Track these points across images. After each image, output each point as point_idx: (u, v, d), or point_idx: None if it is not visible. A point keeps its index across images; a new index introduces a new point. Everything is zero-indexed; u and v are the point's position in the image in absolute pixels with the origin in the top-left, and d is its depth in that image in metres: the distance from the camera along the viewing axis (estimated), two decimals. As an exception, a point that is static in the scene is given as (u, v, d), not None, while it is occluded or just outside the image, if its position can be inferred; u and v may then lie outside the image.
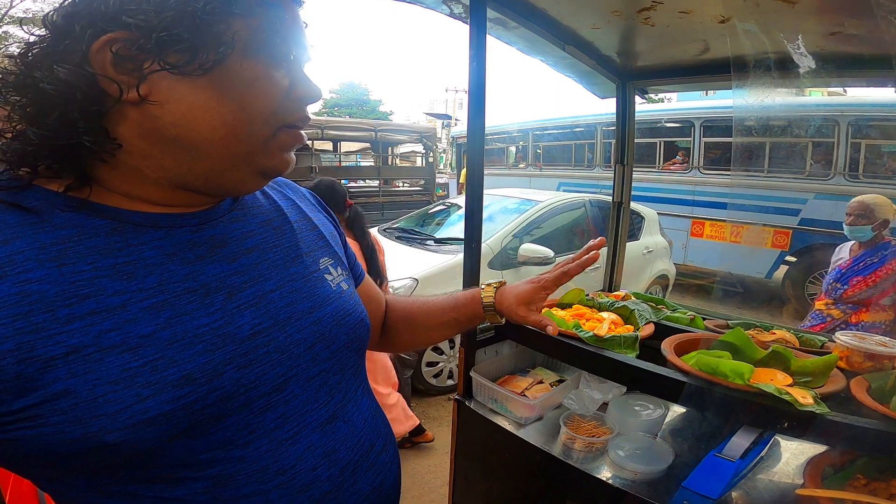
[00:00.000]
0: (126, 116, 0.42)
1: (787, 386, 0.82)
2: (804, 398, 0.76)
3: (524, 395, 1.18)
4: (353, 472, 0.54)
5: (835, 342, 1.03)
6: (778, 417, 0.79)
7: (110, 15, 0.39)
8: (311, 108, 0.58)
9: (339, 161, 8.46)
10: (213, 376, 0.44)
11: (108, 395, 0.39)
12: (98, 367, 0.39)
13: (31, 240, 0.39)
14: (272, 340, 0.49)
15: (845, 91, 4.38)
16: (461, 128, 10.88)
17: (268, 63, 0.45)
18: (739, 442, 0.88)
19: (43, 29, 0.41)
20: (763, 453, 0.96)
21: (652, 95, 2.11)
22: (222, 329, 0.46)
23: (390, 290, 2.65)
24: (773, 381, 0.85)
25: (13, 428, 0.37)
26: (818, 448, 0.93)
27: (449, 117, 20.27)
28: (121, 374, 0.39)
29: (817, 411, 0.75)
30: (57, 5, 0.41)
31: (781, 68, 1.02)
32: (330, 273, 0.60)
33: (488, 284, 0.80)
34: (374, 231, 3.80)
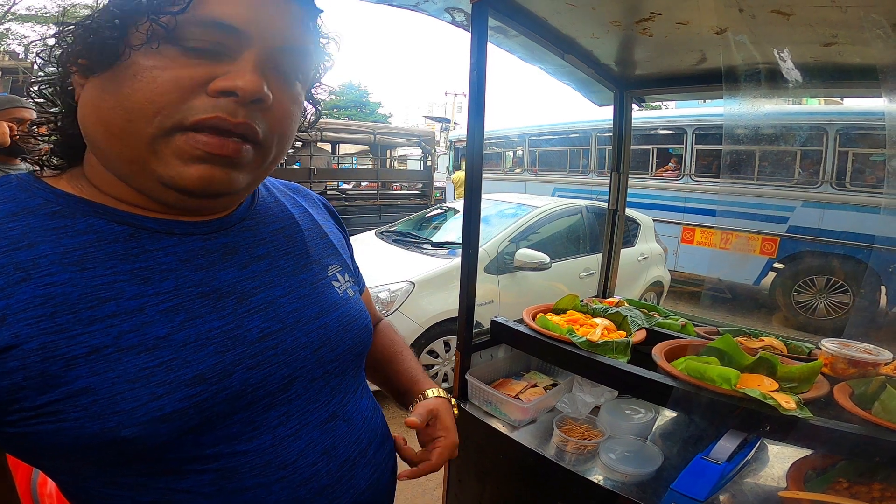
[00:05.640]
0: None
1: (773, 391, 0.85)
2: (787, 403, 0.79)
3: (518, 399, 1.20)
4: (352, 468, 0.56)
5: (821, 349, 1.06)
6: (762, 421, 0.82)
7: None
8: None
9: (337, 163, 8.41)
10: (223, 376, 0.45)
11: (126, 392, 0.40)
12: (117, 367, 0.41)
13: (55, 244, 0.42)
14: (280, 343, 0.51)
15: (842, 100, 4.43)
16: (459, 132, 10.89)
17: (175, 56, 0.41)
18: (725, 445, 0.90)
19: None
20: (749, 457, 0.99)
21: (650, 103, 2.13)
22: (233, 332, 0.47)
23: (386, 292, 2.66)
24: (760, 386, 0.87)
25: (35, 422, 0.39)
26: (805, 452, 0.95)
27: (448, 121, 20.26)
28: (138, 373, 0.41)
29: (800, 416, 0.78)
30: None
31: (773, 79, 1.05)
32: (338, 280, 0.62)
33: (435, 393, 0.74)
34: (371, 234, 3.82)
